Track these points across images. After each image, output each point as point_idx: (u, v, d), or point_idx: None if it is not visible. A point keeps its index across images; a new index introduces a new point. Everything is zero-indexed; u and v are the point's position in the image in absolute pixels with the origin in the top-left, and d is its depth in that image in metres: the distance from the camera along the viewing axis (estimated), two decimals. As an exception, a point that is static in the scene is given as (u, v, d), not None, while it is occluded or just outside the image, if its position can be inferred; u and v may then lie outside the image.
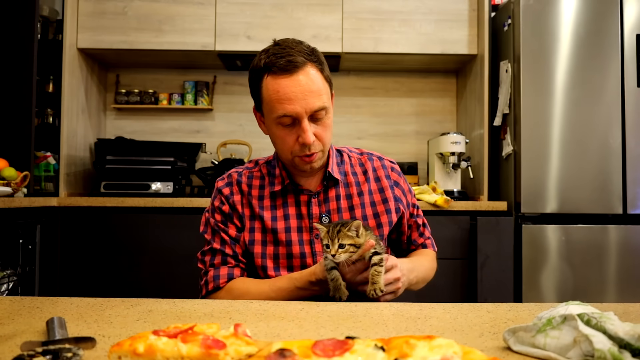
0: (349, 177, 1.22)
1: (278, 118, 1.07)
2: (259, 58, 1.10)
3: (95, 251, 2.46)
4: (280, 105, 1.06)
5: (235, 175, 1.22)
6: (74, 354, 0.54)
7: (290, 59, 1.06)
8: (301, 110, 1.06)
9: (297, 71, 1.06)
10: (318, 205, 1.18)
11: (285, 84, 1.06)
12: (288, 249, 1.15)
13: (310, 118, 1.08)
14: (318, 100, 1.07)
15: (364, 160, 1.26)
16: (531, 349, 0.58)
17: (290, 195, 1.19)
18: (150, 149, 2.74)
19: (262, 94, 1.10)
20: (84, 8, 2.72)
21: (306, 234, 1.16)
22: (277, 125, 1.09)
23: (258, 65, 1.10)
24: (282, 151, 1.14)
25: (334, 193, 1.19)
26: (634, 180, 2.39)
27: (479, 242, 2.40)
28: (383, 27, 2.76)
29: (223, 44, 2.73)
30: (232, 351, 0.53)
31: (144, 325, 0.73)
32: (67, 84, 2.66)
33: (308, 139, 1.07)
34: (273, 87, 1.07)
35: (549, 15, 2.43)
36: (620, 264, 2.37)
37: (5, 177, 2.24)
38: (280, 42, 1.11)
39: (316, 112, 1.07)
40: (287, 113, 1.06)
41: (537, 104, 2.42)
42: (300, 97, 1.05)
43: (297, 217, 1.17)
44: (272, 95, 1.07)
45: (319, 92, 1.07)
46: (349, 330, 0.71)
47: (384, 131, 3.17)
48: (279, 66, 1.06)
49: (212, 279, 1.16)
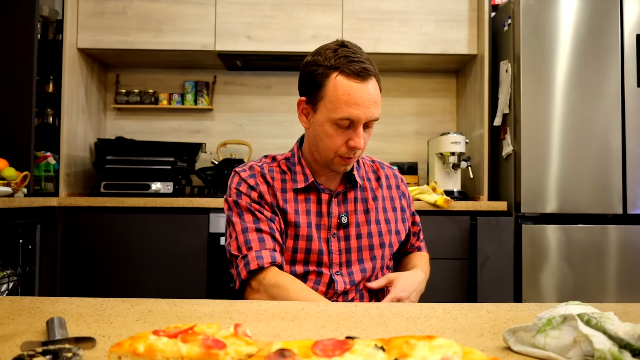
0: (364, 182, 1.26)
1: (339, 119, 1.10)
2: (325, 55, 1.12)
3: (95, 251, 2.46)
4: (346, 107, 1.09)
5: (258, 167, 1.22)
6: (74, 354, 0.54)
7: (364, 66, 1.10)
8: (363, 117, 1.10)
9: (368, 79, 1.10)
10: (338, 205, 1.21)
11: (356, 89, 1.09)
12: (307, 244, 1.17)
13: (363, 125, 1.12)
14: (377, 111, 1.12)
15: (376, 168, 1.31)
16: (531, 349, 0.58)
17: (313, 193, 1.21)
18: (150, 149, 2.74)
19: (327, 90, 1.11)
20: (84, 8, 2.72)
21: (324, 231, 1.19)
22: (333, 124, 1.12)
23: (326, 62, 1.11)
24: (326, 149, 1.15)
25: (353, 195, 1.23)
26: (634, 180, 2.39)
27: (479, 242, 2.40)
28: (383, 27, 2.76)
29: (223, 44, 2.73)
30: (232, 351, 0.53)
31: (144, 325, 0.73)
32: (67, 84, 2.66)
33: (360, 144, 1.12)
34: (344, 89, 1.09)
35: (549, 15, 2.43)
36: (620, 264, 2.37)
37: (5, 177, 2.24)
38: (347, 44, 1.14)
39: (372, 121, 1.13)
40: (351, 117, 1.09)
41: (537, 104, 2.42)
42: (366, 104, 1.09)
43: (317, 215, 1.20)
44: (341, 96, 1.09)
45: (379, 103, 1.13)
46: (349, 330, 0.71)
47: (384, 131, 3.17)
48: (353, 70, 1.09)
49: (255, 258, 1.09)
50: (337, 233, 1.19)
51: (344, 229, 1.20)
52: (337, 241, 1.19)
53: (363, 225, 1.21)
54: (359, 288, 1.20)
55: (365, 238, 1.21)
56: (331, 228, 1.19)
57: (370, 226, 1.22)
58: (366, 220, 1.22)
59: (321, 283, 1.17)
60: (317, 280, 1.17)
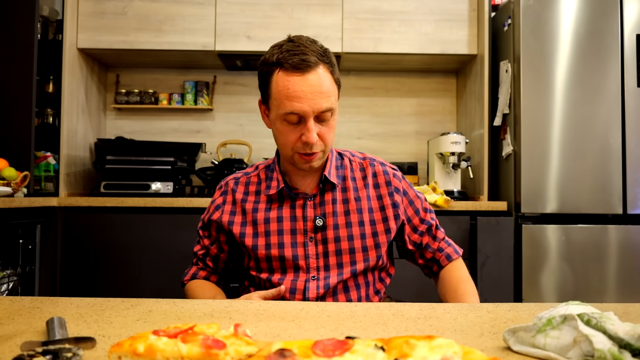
0: (347, 181, 1.20)
1: (285, 115, 1.07)
2: (272, 52, 1.10)
3: (95, 251, 2.46)
4: (288, 102, 1.06)
5: (232, 183, 1.25)
6: (74, 354, 0.54)
7: (303, 57, 1.06)
8: (308, 110, 1.06)
9: (309, 70, 1.06)
10: (313, 207, 1.17)
11: (295, 82, 1.05)
12: (280, 251, 1.15)
13: (316, 118, 1.08)
14: (326, 102, 1.07)
15: (365, 165, 1.24)
16: (531, 349, 0.58)
17: (287, 199, 1.19)
18: (150, 149, 2.74)
19: (271, 88, 1.09)
20: (84, 8, 2.72)
21: (300, 236, 1.16)
22: (283, 122, 1.09)
23: (270, 59, 1.09)
24: (283, 146, 1.13)
25: (330, 197, 1.18)
26: (634, 180, 2.39)
27: (479, 242, 2.40)
28: (383, 27, 2.76)
29: (223, 44, 2.73)
30: (232, 351, 0.53)
31: (144, 325, 0.73)
32: (67, 84, 2.66)
33: (311, 138, 1.07)
34: (283, 84, 1.06)
35: (549, 15, 2.43)
36: (620, 264, 2.37)
37: (5, 177, 2.24)
38: (294, 38, 1.11)
39: (323, 112, 1.08)
40: (295, 111, 1.06)
41: (537, 104, 2.42)
42: (309, 96, 1.05)
43: (292, 220, 1.17)
44: (282, 92, 1.06)
45: (327, 94, 1.08)
46: (349, 330, 0.71)
47: (384, 131, 3.17)
48: (291, 63, 1.05)
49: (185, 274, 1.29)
50: (314, 237, 1.15)
51: (322, 231, 1.15)
52: (315, 245, 1.15)
53: (342, 228, 1.16)
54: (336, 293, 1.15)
55: (345, 241, 1.15)
56: (307, 232, 1.15)
57: (351, 228, 1.16)
58: (346, 222, 1.16)
59: (297, 291, 1.12)
60: (292, 289, 1.13)
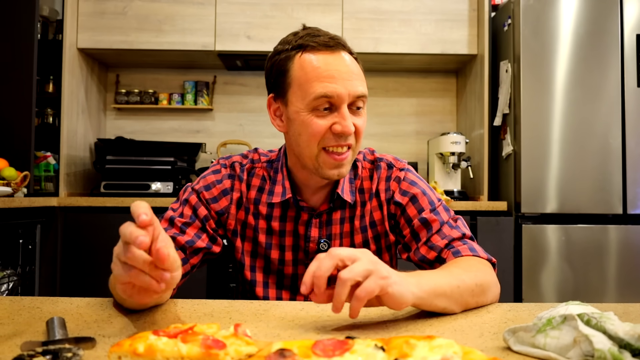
0: (356, 195, 1.03)
1: (314, 100, 0.89)
2: (287, 40, 0.95)
3: (95, 251, 2.46)
4: (319, 84, 0.88)
5: (238, 167, 1.04)
6: (74, 354, 0.54)
7: (331, 36, 0.92)
8: (344, 93, 0.88)
9: (340, 49, 0.91)
10: (319, 227, 1.01)
11: (327, 61, 0.89)
12: (280, 268, 1.03)
13: (349, 106, 0.91)
14: (361, 85, 0.91)
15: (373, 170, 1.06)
16: (531, 349, 0.58)
17: (291, 210, 1.01)
18: (150, 149, 2.74)
19: (292, 74, 0.91)
20: (84, 8, 2.72)
21: (302, 252, 1.02)
22: (310, 112, 0.90)
23: (287, 46, 0.94)
24: (308, 144, 0.92)
25: (339, 215, 1.02)
26: (634, 180, 2.39)
27: (479, 242, 2.38)
28: (383, 27, 2.76)
29: (223, 44, 2.73)
30: (232, 351, 0.53)
31: (144, 325, 0.73)
32: (67, 84, 2.66)
33: (348, 127, 0.89)
34: (311, 65, 0.89)
35: (549, 15, 2.43)
36: (620, 264, 2.37)
37: (5, 177, 2.24)
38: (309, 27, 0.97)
39: (359, 98, 0.91)
40: (328, 93, 0.88)
41: (537, 104, 2.42)
42: (344, 76, 0.89)
43: (294, 235, 1.02)
44: (310, 73, 0.89)
45: (362, 77, 0.92)
46: (349, 330, 0.71)
47: (384, 131, 3.16)
48: (319, 42, 0.90)
49: None
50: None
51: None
52: None
53: None
54: None
55: None
56: (309, 253, 1.00)
57: None
58: (350, 245, 1.01)
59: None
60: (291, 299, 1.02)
